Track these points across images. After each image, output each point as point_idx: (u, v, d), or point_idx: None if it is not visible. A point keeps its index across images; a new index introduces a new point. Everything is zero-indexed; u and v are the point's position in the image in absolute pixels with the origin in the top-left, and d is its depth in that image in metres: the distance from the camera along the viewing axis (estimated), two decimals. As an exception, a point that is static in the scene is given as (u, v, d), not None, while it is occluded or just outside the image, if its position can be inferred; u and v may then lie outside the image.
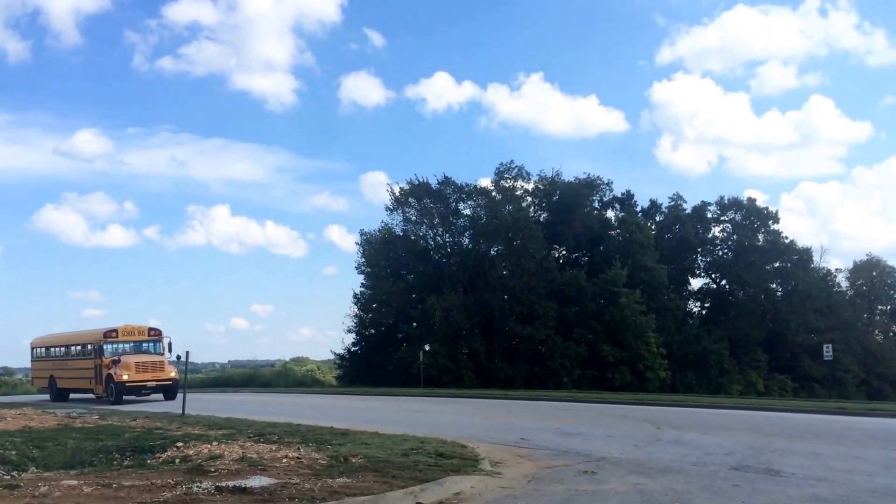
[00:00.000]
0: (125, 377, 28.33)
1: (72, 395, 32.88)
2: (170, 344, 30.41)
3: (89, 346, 31.06)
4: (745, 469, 10.37)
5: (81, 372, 31.20)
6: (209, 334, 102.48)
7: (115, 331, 30.10)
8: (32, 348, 36.41)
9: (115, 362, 28.79)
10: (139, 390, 28.72)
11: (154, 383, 28.91)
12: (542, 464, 10.97)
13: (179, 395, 26.30)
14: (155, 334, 30.70)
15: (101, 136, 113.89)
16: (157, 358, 29.59)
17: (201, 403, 26.01)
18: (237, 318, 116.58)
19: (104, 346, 29.66)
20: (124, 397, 28.39)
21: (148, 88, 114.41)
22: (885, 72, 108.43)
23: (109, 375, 28.76)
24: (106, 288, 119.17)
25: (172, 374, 29.15)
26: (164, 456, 11.29)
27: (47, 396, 33.61)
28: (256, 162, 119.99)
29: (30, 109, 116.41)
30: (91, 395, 30.97)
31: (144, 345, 30.25)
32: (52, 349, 34.97)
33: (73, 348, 33.03)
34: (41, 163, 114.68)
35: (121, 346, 29.93)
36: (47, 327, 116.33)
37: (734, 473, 10.03)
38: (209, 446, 11.87)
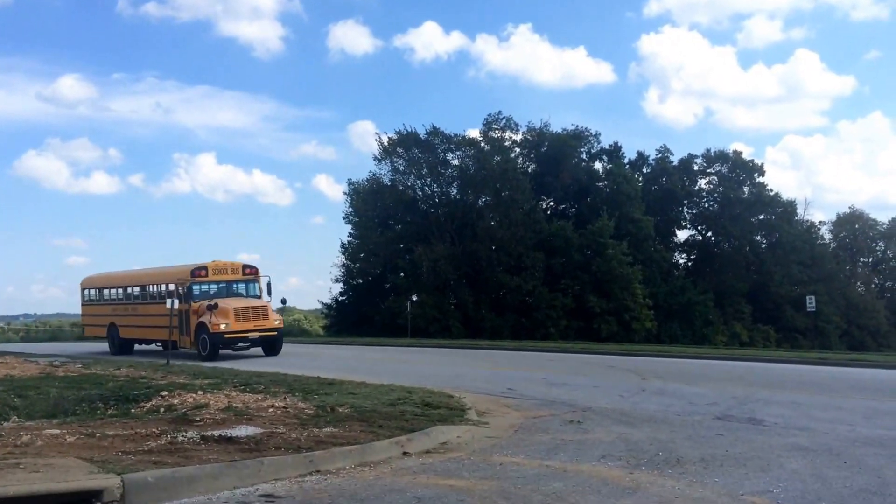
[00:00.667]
0: (223, 326, 22.68)
1: (137, 347, 27.68)
2: (269, 285, 25.22)
3: (169, 287, 24.96)
4: (728, 419, 10.46)
5: (157, 319, 24.69)
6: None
7: (205, 268, 24.42)
8: (83, 289, 30.81)
9: (212, 308, 23.01)
10: (237, 342, 23.16)
11: (257, 334, 23.32)
12: (529, 413, 11.02)
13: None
14: (250, 272, 25.13)
15: (84, 82, 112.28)
16: (259, 302, 24.21)
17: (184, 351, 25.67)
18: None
19: (192, 288, 24.15)
20: (220, 352, 23.07)
21: (133, 34, 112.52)
22: (870, 26, 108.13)
23: (202, 324, 23.09)
24: (90, 235, 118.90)
25: (277, 323, 24.14)
26: (148, 405, 11.17)
27: (97, 346, 29.16)
28: (243, 110, 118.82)
29: (12, 54, 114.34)
30: (159, 347, 25.53)
31: (236, 285, 24.70)
32: (112, 290, 29.34)
33: (140, 290, 27.55)
34: (24, 108, 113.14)
35: (206, 286, 24.44)
36: (29, 274, 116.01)
37: (718, 423, 10.10)
38: (194, 395, 11.79)
